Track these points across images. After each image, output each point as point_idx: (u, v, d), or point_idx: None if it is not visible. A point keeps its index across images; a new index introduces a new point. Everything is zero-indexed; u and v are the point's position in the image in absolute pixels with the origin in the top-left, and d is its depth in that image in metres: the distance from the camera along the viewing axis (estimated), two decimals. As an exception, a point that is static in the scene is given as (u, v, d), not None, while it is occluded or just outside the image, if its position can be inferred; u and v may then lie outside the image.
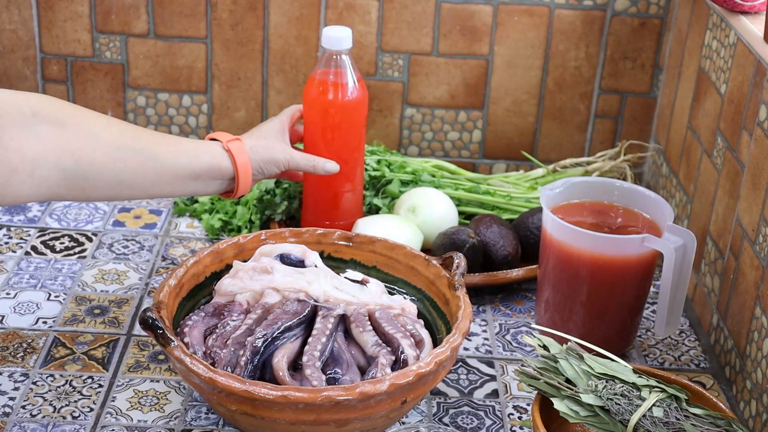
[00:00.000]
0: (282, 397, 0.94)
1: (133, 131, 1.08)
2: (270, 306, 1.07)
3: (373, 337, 1.05)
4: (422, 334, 1.08)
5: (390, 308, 1.09)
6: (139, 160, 1.07)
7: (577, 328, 1.17)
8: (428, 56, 1.54)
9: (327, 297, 1.08)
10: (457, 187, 1.45)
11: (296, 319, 1.04)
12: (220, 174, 1.15)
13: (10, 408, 1.06)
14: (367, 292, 1.11)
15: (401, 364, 1.03)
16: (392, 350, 1.04)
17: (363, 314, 1.07)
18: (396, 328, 1.06)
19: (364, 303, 1.08)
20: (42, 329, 1.19)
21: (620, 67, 1.54)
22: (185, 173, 1.11)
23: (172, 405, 1.08)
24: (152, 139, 1.09)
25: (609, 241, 1.14)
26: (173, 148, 1.10)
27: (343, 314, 1.07)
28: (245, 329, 1.05)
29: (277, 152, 1.20)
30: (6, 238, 1.38)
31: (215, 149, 1.15)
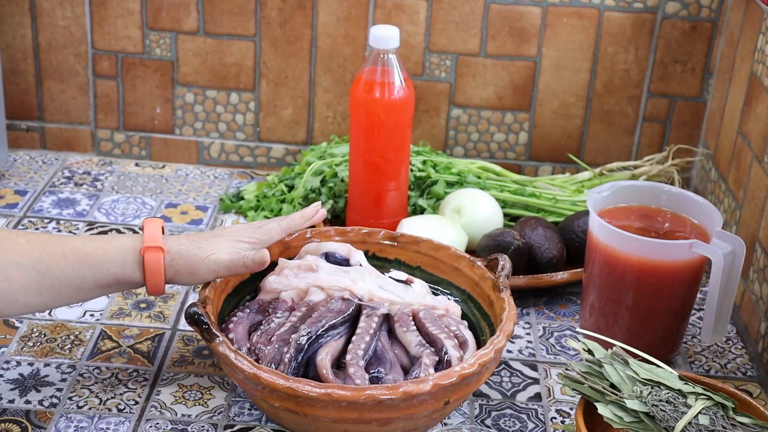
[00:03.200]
0: (325, 394, 0.95)
1: (33, 249, 1.00)
2: (315, 304, 1.08)
3: (417, 337, 1.05)
4: (466, 335, 1.07)
5: (434, 308, 1.09)
6: (34, 277, 1.00)
7: (622, 333, 1.16)
8: (476, 57, 1.53)
9: (371, 296, 1.08)
10: (502, 188, 1.45)
11: (340, 317, 1.05)
12: (131, 283, 1.06)
13: (57, 399, 1.08)
14: (412, 292, 1.11)
15: (445, 364, 1.03)
16: (436, 350, 1.04)
17: (407, 314, 1.07)
18: (440, 329, 1.06)
19: (408, 303, 1.08)
20: (89, 322, 1.21)
21: (670, 70, 1.52)
22: (88, 286, 1.03)
23: (216, 400, 1.09)
24: (52, 251, 1.01)
25: (656, 246, 1.13)
26: (73, 260, 1.01)
27: (387, 314, 1.08)
28: (289, 326, 1.05)
29: (200, 267, 1.06)
30: (55, 231, 1.39)
31: (126, 258, 1.04)
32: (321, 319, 1.04)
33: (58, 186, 1.52)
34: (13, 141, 1.60)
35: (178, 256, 1.05)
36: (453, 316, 1.10)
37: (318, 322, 1.04)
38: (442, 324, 1.07)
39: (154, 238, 1.05)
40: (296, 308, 1.08)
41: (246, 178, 1.58)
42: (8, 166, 1.56)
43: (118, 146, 1.61)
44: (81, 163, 1.59)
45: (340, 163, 1.44)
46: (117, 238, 1.06)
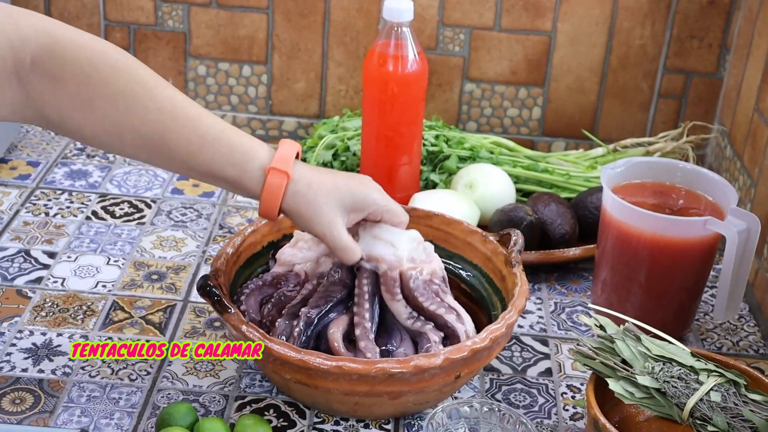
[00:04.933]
0: (336, 367, 0.95)
1: (160, 118, 0.95)
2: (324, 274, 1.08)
3: (406, 308, 1.04)
4: (456, 307, 1.07)
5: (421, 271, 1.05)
6: (149, 146, 0.95)
7: (635, 309, 1.16)
8: (490, 31, 1.53)
9: (369, 253, 1.05)
10: (515, 164, 1.44)
11: (346, 291, 1.04)
12: (245, 192, 1.00)
13: (69, 368, 1.08)
14: (406, 238, 1.06)
15: (452, 339, 1.03)
16: (437, 326, 1.04)
17: (394, 279, 1.04)
18: (434, 302, 1.04)
19: (398, 259, 1.04)
20: (101, 293, 1.21)
21: (686, 46, 1.51)
22: (201, 171, 0.98)
23: (227, 372, 1.10)
24: (178, 132, 0.95)
25: (670, 223, 1.12)
26: (195, 148, 0.96)
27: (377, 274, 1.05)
28: (300, 299, 1.05)
29: (312, 221, 1.00)
30: (68, 203, 1.40)
31: (252, 168, 0.98)
32: (329, 294, 1.04)
33: (71, 158, 1.52)
34: (26, 112, 1.60)
35: (302, 196, 0.99)
36: (438, 280, 1.06)
37: (327, 296, 1.04)
38: (431, 292, 1.05)
39: (285, 160, 0.98)
40: (309, 281, 1.08)
41: (258, 151, 1.58)
42: (21, 138, 1.56)
43: (131, 118, 1.61)
44: (93, 134, 1.59)
45: (353, 137, 1.44)
46: (251, 145, 0.98)
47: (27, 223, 1.35)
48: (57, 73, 0.92)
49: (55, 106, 0.93)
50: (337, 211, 1.00)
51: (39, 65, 0.92)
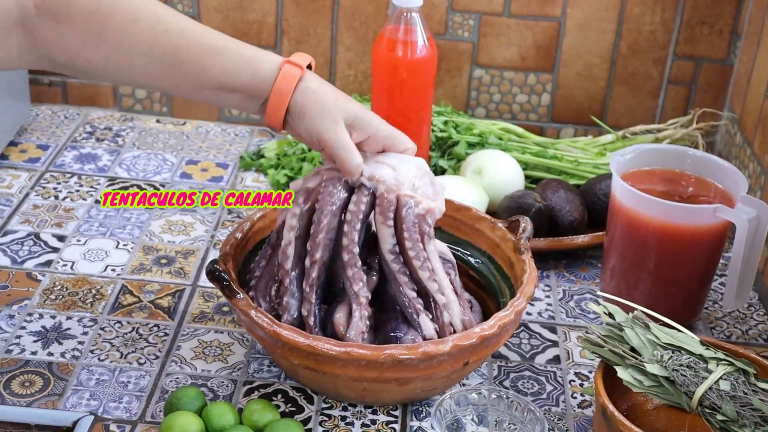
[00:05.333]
0: (345, 353, 0.95)
1: (169, 38, 0.95)
2: (311, 191, 1.03)
3: (392, 238, 1.00)
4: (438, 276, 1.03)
5: (418, 203, 1.01)
6: (160, 68, 0.96)
7: (643, 297, 1.16)
8: (499, 17, 1.52)
9: (370, 173, 1.01)
10: (524, 150, 1.44)
11: (339, 212, 1.01)
12: (255, 94, 1.00)
13: (79, 352, 1.08)
14: (412, 165, 1.03)
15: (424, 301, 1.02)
16: (413, 279, 1.01)
17: (390, 202, 1.00)
18: (416, 248, 1.00)
19: (399, 183, 1.01)
20: (110, 276, 1.21)
21: (697, 32, 1.50)
22: (212, 86, 0.99)
23: (236, 356, 1.10)
24: (188, 48, 0.96)
25: (680, 210, 1.12)
26: (208, 61, 0.97)
27: (374, 198, 1.01)
28: (291, 250, 1.02)
29: (320, 118, 0.99)
30: (77, 186, 1.40)
31: (265, 68, 0.99)
32: (319, 228, 1.00)
33: (80, 141, 1.52)
34: (36, 95, 1.60)
35: (311, 92, 0.99)
36: (430, 220, 1.01)
37: (319, 233, 1.00)
38: (417, 233, 1.00)
39: (300, 58, 1.01)
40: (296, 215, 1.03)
41: (266, 136, 1.58)
42: (30, 121, 1.56)
43: (140, 102, 1.60)
44: (102, 118, 1.59)
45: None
46: (260, 51, 1.00)
47: (37, 206, 1.34)
48: (62, 14, 0.92)
49: (62, 47, 0.94)
50: (341, 119, 1.00)
51: (44, 9, 0.92)
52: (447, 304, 1.02)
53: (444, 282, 1.02)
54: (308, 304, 1.01)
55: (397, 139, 1.03)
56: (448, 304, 1.02)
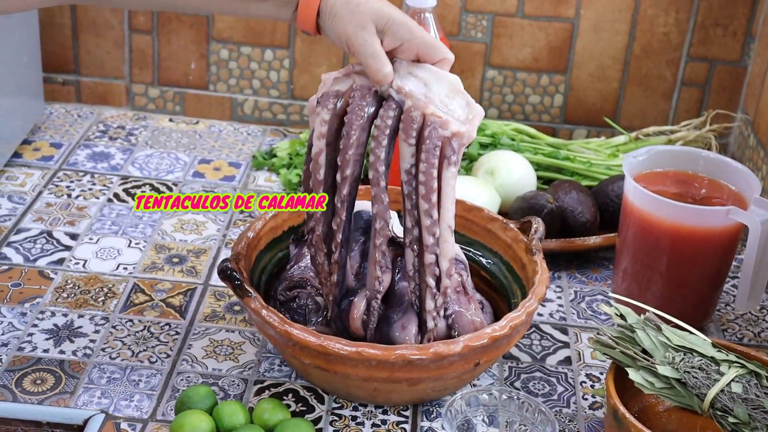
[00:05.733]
0: (356, 353, 0.95)
1: None
2: (341, 95, 0.98)
3: (411, 157, 0.95)
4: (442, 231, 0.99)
5: (444, 124, 0.95)
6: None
7: (655, 298, 1.15)
8: (513, 18, 1.51)
9: (400, 85, 0.97)
10: (536, 151, 1.43)
11: (368, 126, 0.97)
12: (290, 0, 0.97)
13: (90, 350, 1.09)
14: (445, 83, 0.98)
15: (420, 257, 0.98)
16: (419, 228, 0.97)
17: (414, 119, 0.96)
18: (428, 186, 0.95)
19: (426, 100, 0.96)
20: (122, 275, 1.21)
21: (710, 34, 1.50)
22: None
23: (247, 356, 1.09)
24: None
25: (692, 212, 1.11)
26: None
27: (401, 112, 0.97)
28: (323, 158, 0.97)
29: (350, 21, 0.95)
30: (90, 185, 1.40)
31: None
32: (349, 143, 0.96)
33: (93, 140, 1.52)
34: (50, 94, 1.60)
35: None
36: (455, 146, 0.96)
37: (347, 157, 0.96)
38: (434, 157, 0.95)
39: None
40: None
41: (279, 136, 1.58)
42: (44, 119, 1.56)
43: (153, 101, 1.61)
44: (115, 117, 1.59)
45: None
46: None
47: (50, 204, 1.35)
48: None
49: None
50: (372, 24, 0.95)
51: None
52: (437, 243, 0.96)
53: (446, 216, 0.96)
54: (338, 218, 0.98)
55: (433, 47, 0.96)
56: (440, 245, 0.96)
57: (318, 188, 0.98)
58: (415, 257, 0.98)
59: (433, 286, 0.97)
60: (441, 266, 0.97)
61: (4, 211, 1.32)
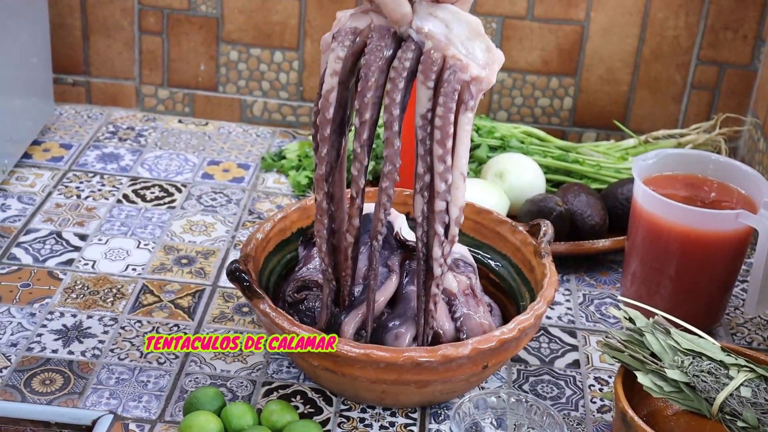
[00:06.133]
0: (364, 355, 0.95)
1: None
2: (358, 32, 0.95)
3: (428, 101, 0.92)
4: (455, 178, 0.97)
5: (465, 68, 0.92)
6: None
7: (664, 302, 1.15)
8: (522, 20, 1.51)
9: (419, 25, 0.93)
10: (545, 154, 1.43)
11: (386, 68, 0.93)
12: None
13: (99, 351, 1.09)
14: (465, 26, 0.94)
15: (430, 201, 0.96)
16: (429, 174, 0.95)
17: (434, 60, 0.92)
18: (444, 130, 0.92)
19: (447, 42, 0.93)
20: (131, 276, 1.21)
21: (720, 37, 1.49)
22: None
23: (255, 357, 1.10)
24: None
25: (702, 216, 1.11)
26: None
27: (420, 54, 0.93)
28: (333, 96, 0.94)
29: None
30: (99, 186, 1.40)
31: None
32: (367, 85, 0.92)
33: (103, 141, 1.52)
34: (60, 95, 1.61)
35: None
36: (473, 90, 0.93)
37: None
38: (452, 100, 0.92)
39: None
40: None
41: (288, 138, 1.58)
42: (54, 120, 1.57)
43: (162, 102, 1.61)
44: (125, 118, 1.59)
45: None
46: None
47: (59, 205, 1.35)
48: None
49: None
50: None
51: None
52: (448, 190, 0.94)
53: (460, 163, 0.93)
54: (359, 163, 0.96)
55: None
56: (451, 192, 0.94)
57: (325, 127, 0.95)
58: (425, 204, 0.95)
59: (441, 234, 0.95)
60: (451, 214, 0.95)
61: (13, 211, 1.32)
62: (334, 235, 1.01)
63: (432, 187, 0.94)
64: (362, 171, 0.96)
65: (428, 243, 0.96)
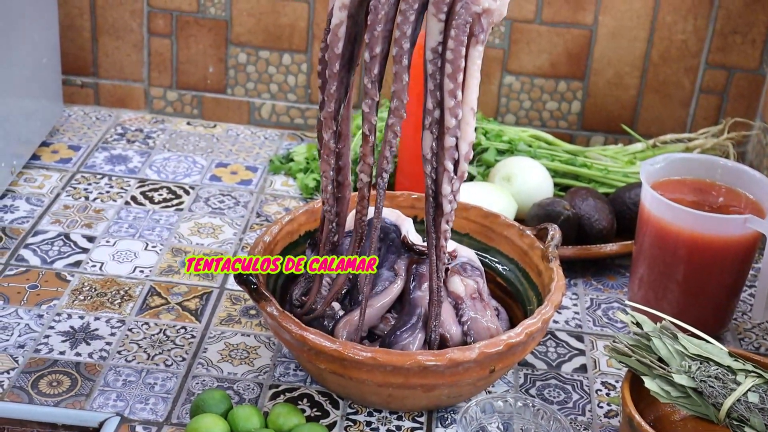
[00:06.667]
0: (371, 358, 0.95)
1: None
2: None
3: (439, 34, 0.91)
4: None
5: (476, 0, 0.91)
6: None
7: (672, 307, 1.15)
8: (531, 24, 1.51)
9: None
10: (553, 158, 1.43)
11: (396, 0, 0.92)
12: None
13: (106, 352, 1.09)
14: None
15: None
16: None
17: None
18: (451, 75, 0.91)
19: None
20: (139, 278, 1.22)
21: (729, 41, 1.49)
22: None
23: (262, 360, 1.10)
24: None
25: (709, 220, 1.11)
26: None
27: None
28: (342, 31, 0.93)
29: None
30: (107, 187, 1.40)
31: None
32: (377, 18, 0.90)
33: (111, 142, 1.53)
34: (68, 96, 1.61)
35: None
36: (485, 23, 0.91)
37: None
38: (459, 44, 0.91)
39: None
40: None
41: (296, 140, 1.58)
42: (63, 121, 1.57)
43: (171, 104, 1.61)
44: (134, 120, 1.60)
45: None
46: None
47: (67, 206, 1.35)
48: None
49: None
50: None
51: None
52: (458, 126, 0.93)
53: (470, 97, 0.92)
54: (370, 99, 0.95)
55: None
56: (461, 127, 0.93)
57: (334, 63, 0.94)
58: (434, 140, 0.94)
59: (451, 170, 0.94)
60: (461, 150, 0.94)
61: (21, 213, 1.33)
62: (340, 172, 1.00)
63: (442, 123, 0.93)
64: (373, 107, 0.94)
65: (437, 180, 0.95)
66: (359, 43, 0.96)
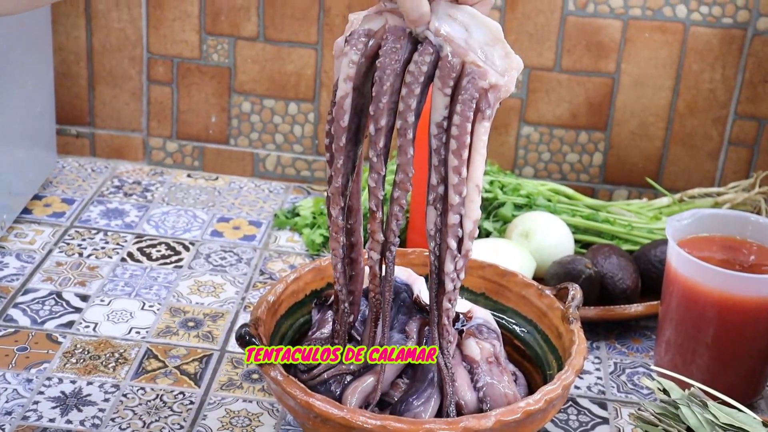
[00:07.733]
0: (381, 427, 0.94)
1: None
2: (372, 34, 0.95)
3: (444, 109, 0.93)
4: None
5: (484, 75, 0.92)
6: None
7: (701, 372, 1.15)
8: (550, 72, 1.53)
9: (438, 28, 0.93)
10: (574, 213, 1.44)
11: (402, 72, 0.94)
12: None
13: (99, 420, 1.09)
14: (483, 31, 0.95)
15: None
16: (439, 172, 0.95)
17: (453, 66, 0.93)
18: (461, 141, 0.92)
19: (466, 47, 0.93)
20: (135, 339, 1.22)
21: (759, 91, 1.50)
22: None
23: (265, 428, 1.10)
24: None
25: (740, 280, 1.11)
26: None
27: (437, 58, 0.93)
28: (348, 103, 0.95)
29: None
30: (103, 243, 1.42)
31: None
32: (382, 89, 0.93)
33: (107, 195, 1.54)
34: (62, 147, 1.63)
35: None
36: (491, 99, 0.93)
37: None
38: (469, 110, 0.92)
39: None
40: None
41: (302, 193, 1.60)
42: (56, 173, 1.59)
43: (170, 156, 1.63)
44: (131, 172, 1.61)
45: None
46: None
47: (60, 263, 1.36)
48: None
49: None
50: None
51: None
52: (462, 203, 0.94)
53: (475, 174, 0.93)
54: (376, 174, 0.96)
55: None
56: (466, 204, 0.94)
57: (341, 136, 0.96)
58: (438, 216, 0.96)
59: (454, 248, 0.95)
60: (465, 228, 0.95)
61: (11, 270, 1.34)
62: (353, 249, 1.02)
63: (446, 200, 0.95)
64: (380, 182, 0.96)
65: (440, 257, 0.97)
66: (366, 115, 0.99)
